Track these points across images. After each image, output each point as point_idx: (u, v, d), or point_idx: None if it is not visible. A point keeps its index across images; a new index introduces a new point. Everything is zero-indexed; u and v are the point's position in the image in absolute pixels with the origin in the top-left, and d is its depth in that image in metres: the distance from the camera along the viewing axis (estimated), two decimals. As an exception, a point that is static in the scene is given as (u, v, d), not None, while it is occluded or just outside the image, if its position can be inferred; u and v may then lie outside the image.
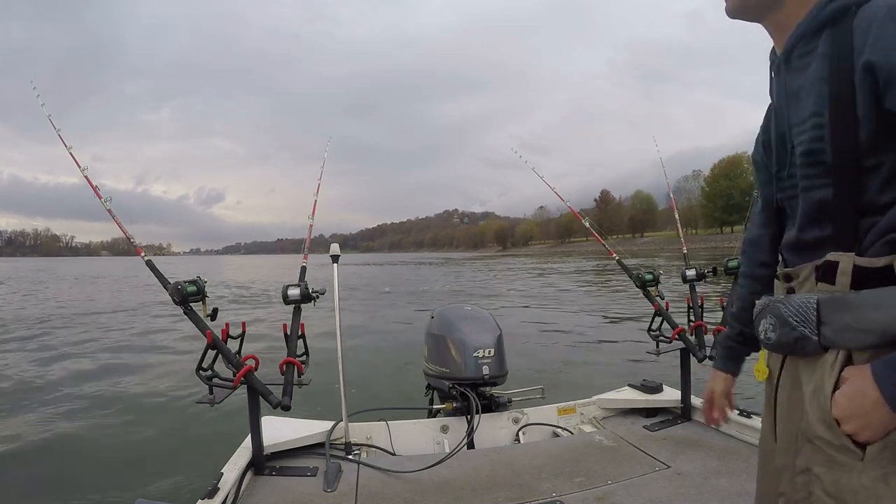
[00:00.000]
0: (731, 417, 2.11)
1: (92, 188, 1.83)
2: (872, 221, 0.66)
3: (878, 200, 0.66)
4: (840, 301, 0.67)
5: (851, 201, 0.68)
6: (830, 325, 0.68)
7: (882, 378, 0.60)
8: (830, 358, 0.68)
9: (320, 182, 2.32)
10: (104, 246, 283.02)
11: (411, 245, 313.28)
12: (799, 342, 0.72)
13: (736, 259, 2.22)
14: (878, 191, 0.65)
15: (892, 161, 0.64)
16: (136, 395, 4.77)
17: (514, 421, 2.42)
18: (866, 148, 0.65)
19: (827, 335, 0.68)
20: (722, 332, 1.25)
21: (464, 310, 2.63)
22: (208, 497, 1.53)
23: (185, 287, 1.69)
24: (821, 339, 0.69)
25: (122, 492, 2.78)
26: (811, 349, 0.70)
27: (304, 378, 1.84)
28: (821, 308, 0.69)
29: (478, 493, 1.69)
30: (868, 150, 0.65)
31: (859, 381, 0.63)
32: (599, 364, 5.86)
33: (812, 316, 0.69)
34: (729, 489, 1.63)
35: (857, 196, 0.67)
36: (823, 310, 0.68)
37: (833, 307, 0.68)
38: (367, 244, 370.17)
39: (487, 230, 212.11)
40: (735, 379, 1.11)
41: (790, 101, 0.77)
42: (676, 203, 3.05)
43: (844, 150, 0.67)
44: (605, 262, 28.77)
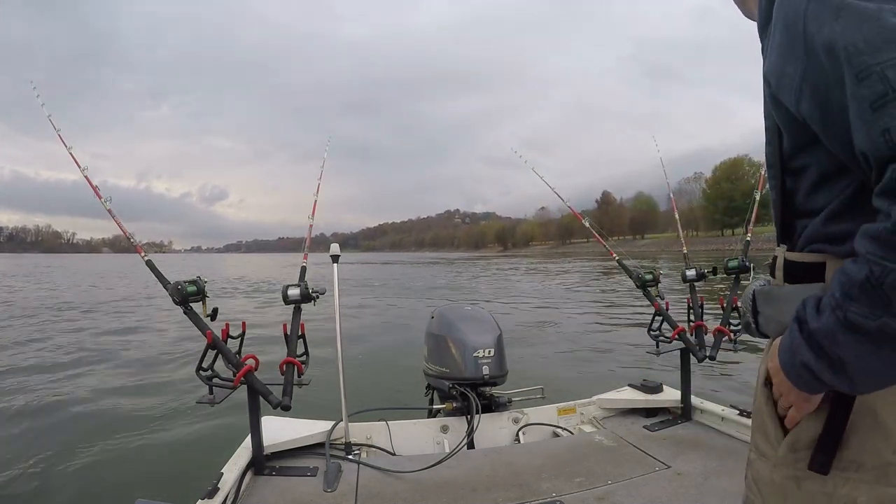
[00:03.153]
0: (730, 417, 2.11)
1: (92, 188, 1.83)
2: (804, 225, 0.67)
3: (808, 205, 0.66)
4: (768, 294, 0.72)
5: (781, 202, 0.71)
6: (762, 314, 0.73)
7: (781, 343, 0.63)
8: (768, 345, 0.71)
9: (320, 181, 2.32)
10: (105, 243, 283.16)
11: (412, 245, 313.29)
12: (748, 327, 0.78)
13: (736, 259, 2.22)
14: (807, 195, 0.66)
15: (819, 164, 0.63)
16: (135, 395, 4.77)
17: (514, 421, 2.42)
18: (790, 151, 0.67)
19: (761, 323, 0.74)
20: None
21: (464, 310, 2.63)
22: (208, 497, 1.53)
23: (185, 287, 1.69)
24: (758, 327, 0.74)
25: (122, 492, 2.78)
26: (753, 333, 0.76)
27: (304, 378, 1.84)
28: (756, 299, 0.74)
29: (478, 493, 1.69)
30: (792, 153, 0.67)
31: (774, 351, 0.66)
32: (599, 364, 5.86)
33: (749, 305, 0.75)
34: (729, 489, 1.63)
35: (791, 199, 0.69)
36: (758, 299, 0.73)
37: (764, 299, 0.73)
38: (368, 243, 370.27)
39: (488, 230, 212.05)
40: None
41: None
42: (677, 205, 3.05)
43: (775, 154, 0.70)
44: (605, 264, 28.79)
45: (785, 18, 0.58)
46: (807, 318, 0.57)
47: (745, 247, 2.33)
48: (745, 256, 2.24)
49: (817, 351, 0.56)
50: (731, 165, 74.49)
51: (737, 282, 2.25)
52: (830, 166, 0.61)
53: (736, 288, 2.26)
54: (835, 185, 0.62)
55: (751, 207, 2.44)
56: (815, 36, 0.53)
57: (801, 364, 0.58)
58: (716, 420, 2.19)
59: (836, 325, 0.53)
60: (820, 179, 0.64)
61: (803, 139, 0.63)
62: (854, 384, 0.55)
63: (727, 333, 2.24)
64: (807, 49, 0.55)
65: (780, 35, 0.60)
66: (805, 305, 0.58)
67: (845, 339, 0.52)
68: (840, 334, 0.53)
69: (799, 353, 0.58)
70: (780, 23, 0.59)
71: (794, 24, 0.56)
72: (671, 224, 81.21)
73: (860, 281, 0.50)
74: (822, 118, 0.56)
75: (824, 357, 0.55)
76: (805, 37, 0.55)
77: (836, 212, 0.62)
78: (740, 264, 2.19)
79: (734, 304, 2.26)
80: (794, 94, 0.58)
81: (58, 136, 1.88)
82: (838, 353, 0.54)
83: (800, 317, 0.59)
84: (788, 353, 0.60)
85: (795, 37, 0.56)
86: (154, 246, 2.24)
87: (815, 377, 0.57)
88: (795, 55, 0.57)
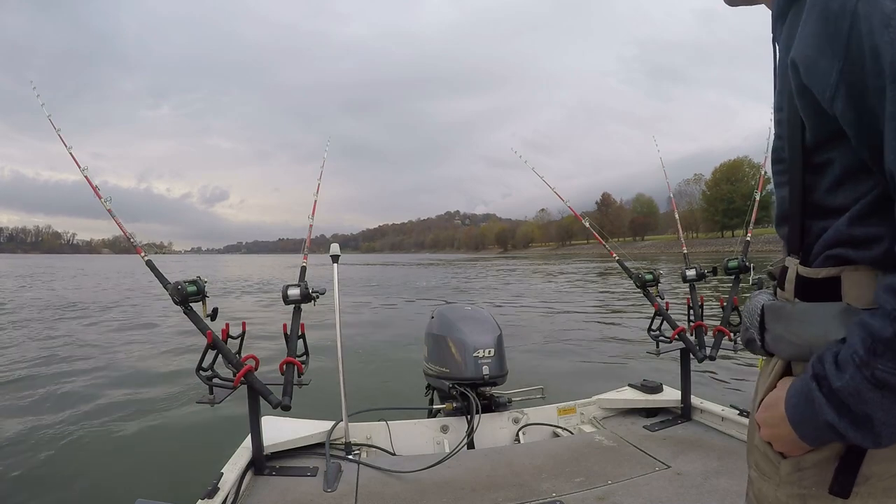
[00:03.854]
0: (730, 417, 2.11)
1: (92, 188, 1.83)
2: (822, 226, 0.63)
3: (828, 202, 0.62)
4: (778, 310, 0.67)
5: (801, 203, 0.65)
6: (771, 332, 0.68)
7: (790, 397, 0.60)
8: (772, 363, 0.68)
9: (320, 182, 2.33)
10: (105, 243, 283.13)
11: (412, 246, 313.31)
12: (750, 343, 0.73)
13: (736, 259, 2.23)
14: (828, 191, 0.62)
15: (843, 158, 0.59)
16: (135, 395, 4.76)
17: (514, 421, 2.42)
18: (813, 144, 0.62)
19: (768, 341, 0.69)
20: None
21: (464, 310, 2.63)
22: (208, 497, 1.53)
23: (185, 287, 1.69)
24: (764, 344, 0.69)
25: (122, 492, 2.77)
26: (758, 350, 0.71)
27: (304, 378, 1.84)
28: (764, 314, 0.69)
29: (478, 493, 1.69)
30: (815, 146, 0.62)
31: (778, 393, 0.63)
32: (599, 364, 5.86)
33: (756, 320, 0.70)
34: (729, 489, 1.63)
35: (808, 197, 0.64)
36: (767, 316, 0.69)
37: (774, 315, 0.68)
38: (369, 244, 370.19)
39: (488, 232, 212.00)
40: None
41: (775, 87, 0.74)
42: (677, 207, 3.05)
43: (795, 148, 0.65)
44: (605, 265, 28.80)
45: (826, 9, 0.54)
46: (827, 375, 0.54)
47: (745, 248, 2.34)
48: (744, 257, 2.25)
49: (841, 409, 0.53)
50: (731, 167, 74.51)
51: (737, 282, 2.26)
52: (857, 162, 0.57)
53: (736, 288, 2.27)
54: (862, 182, 0.58)
55: (751, 209, 2.45)
56: (864, 38, 0.50)
57: (825, 424, 0.55)
58: (716, 420, 2.19)
59: (863, 382, 0.51)
60: (844, 175, 0.60)
61: (828, 132, 0.59)
62: (879, 438, 0.54)
63: (727, 333, 2.24)
64: (849, 48, 0.52)
65: (815, 24, 0.55)
66: (823, 361, 0.55)
67: (873, 397, 0.51)
68: (867, 392, 0.51)
69: (822, 412, 0.55)
70: (817, 10, 0.55)
71: (839, 17, 0.53)
72: (671, 225, 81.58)
73: (886, 338, 0.49)
74: (857, 121, 0.53)
75: (848, 415, 0.53)
76: (850, 35, 0.52)
77: (862, 212, 0.58)
78: (740, 265, 2.20)
79: (734, 304, 2.27)
80: (829, 90, 0.55)
81: (58, 136, 1.88)
82: (865, 410, 0.52)
83: (818, 373, 0.55)
84: (804, 411, 0.57)
85: (838, 32, 0.53)
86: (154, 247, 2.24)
87: (839, 435, 0.55)
88: (834, 50, 0.53)
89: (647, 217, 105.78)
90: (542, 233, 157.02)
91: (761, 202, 2.52)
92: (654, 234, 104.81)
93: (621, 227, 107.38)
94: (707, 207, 77.46)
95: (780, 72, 0.66)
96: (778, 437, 0.63)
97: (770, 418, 0.64)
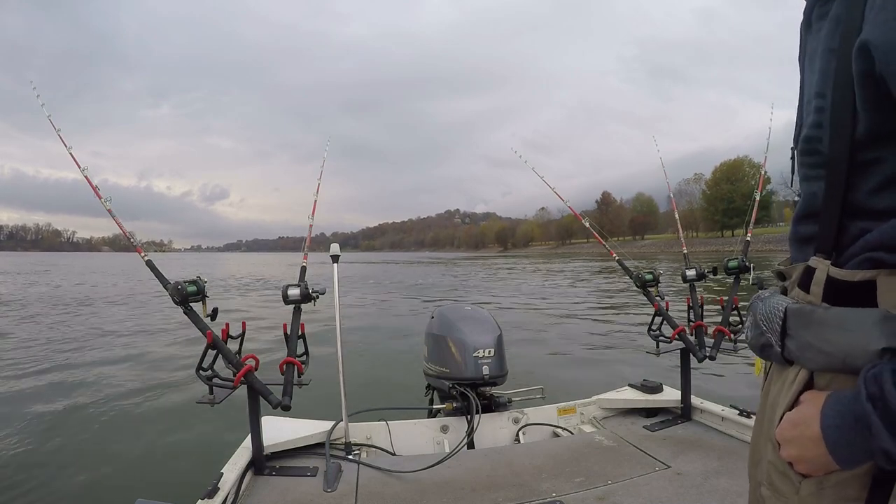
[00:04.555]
0: (730, 417, 2.11)
1: (92, 188, 1.83)
2: (862, 227, 0.57)
3: (872, 203, 0.56)
4: (807, 314, 0.59)
5: (839, 201, 0.59)
6: (795, 338, 0.61)
7: (827, 416, 0.54)
8: (792, 374, 0.62)
9: (320, 181, 2.32)
10: (105, 242, 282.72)
11: (412, 245, 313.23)
12: (765, 349, 0.66)
13: (736, 259, 2.23)
14: (873, 192, 0.56)
15: (895, 156, 0.54)
16: (136, 395, 4.76)
17: (514, 421, 2.42)
18: (865, 140, 0.56)
19: (791, 349, 0.61)
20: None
21: (464, 310, 2.63)
22: (208, 497, 1.53)
23: (185, 287, 1.69)
24: (784, 352, 0.62)
25: (122, 492, 2.78)
26: (775, 358, 0.65)
27: (304, 378, 1.84)
28: (788, 318, 0.61)
29: (478, 493, 1.69)
30: (866, 142, 0.56)
31: (808, 410, 0.57)
32: (599, 364, 5.86)
33: (777, 325, 0.63)
34: (729, 489, 1.63)
35: (849, 195, 0.58)
36: (790, 320, 0.61)
37: (800, 320, 0.60)
38: (369, 243, 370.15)
39: (488, 231, 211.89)
40: None
41: (806, 69, 0.67)
42: (677, 206, 3.05)
43: (842, 141, 0.58)
44: (605, 264, 28.80)
45: None
46: (886, 396, 0.48)
47: (745, 247, 2.34)
48: (744, 257, 2.24)
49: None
50: (731, 167, 74.46)
51: (737, 282, 2.26)
52: None
53: (736, 288, 2.27)
54: None
55: (751, 209, 2.45)
56: None
57: (881, 451, 0.49)
58: (716, 420, 2.19)
59: None
60: (895, 176, 0.55)
61: (890, 128, 0.54)
62: None
63: (727, 333, 2.24)
64: None
65: None
66: (879, 380, 0.49)
67: None
68: None
69: (879, 438, 0.48)
70: None
71: None
72: (671, 225, 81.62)
73: None
74: None
75: None
76: None
77: None
78: (740, 264, 2.20)
79: (734, 304, 2.27)
80: None
81: (58, 136, 1.87)
82: None
83: (873, 394, 0.49)
84: (851, 435, 0.51)
85: None
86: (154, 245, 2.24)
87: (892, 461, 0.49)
88: None
89: (647, 216, 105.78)
90: (542, 232, 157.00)
91: (761, 202, 2.52)
92: (654, 233, 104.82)
93: (621, 227, 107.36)
94: (707, 207, 77.42)
95: (825, 54, 0.60)
96: (804, 458, 0.57)
97: (797, 438, 0.58)
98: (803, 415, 0.58)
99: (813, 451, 0.55)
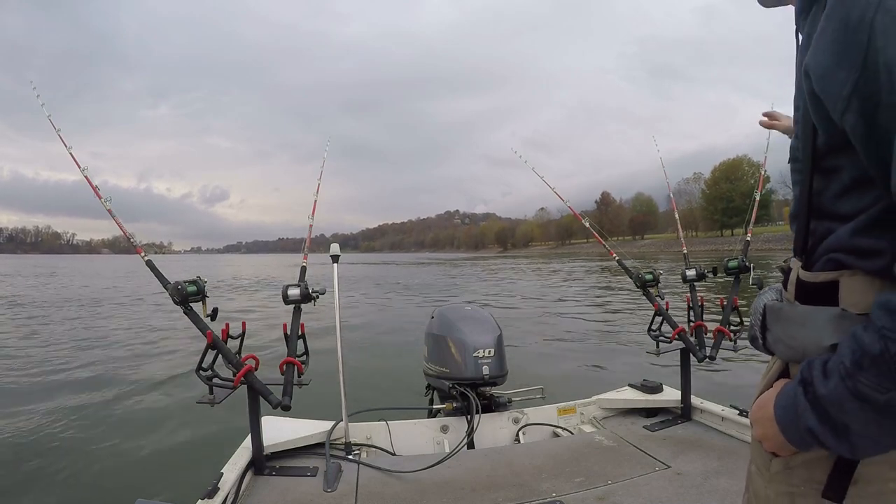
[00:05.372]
0: (730, 417, 2.11)
1: (92, 188, 1.83)
2: (828, 229, 0.62)
3: (835, 208, 0.61)
4: (778, 311, 0.68)
5: (807, 207, 0.65)
6: (771, 332, 0.69)
7: (779, 398, 0.61)
8: (771, 362, 0.70)
9: (320, 182, 2.33)
10: (105, 244, 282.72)
11: (412, 245, 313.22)
12: (754, 340, 0.74)
13: (736, 259, 2.23)
14: (836, 197, 0.61)
15: (852, 167, 0.59)
16: (136, 395, 4.76)
17: (514, 421, 2.42)
18: (824, 149, 0.62)
19: (768, 341, 0.70)
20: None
21: (464, 310, 2.63)
22: (208, 497, 1.53)
23: (185, 287, 1.69)
24: (765, 344, 0.71)
25: (122, 492, 2.78)
26: (759, 348, 0.73)
27: (304, 378, 1.84)
28: (766, 314, 0.70)
29: (478, 493, 1.69)
30: (826, 151, 0.62)
31: (770, 394, 0.64)
32: (599, 364, 5.86)
33: (758, 320, 0.71)
34: (729, 489, 1.63)
35: (815, 200, 0.64)
36: (768, 316, 0.70)
37: (774, 316, 0.69)
38: (368, 244, 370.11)
39: (488, 231, 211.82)
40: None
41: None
42: (677, 205, 3.05)
43: (807, 150, 0.64)
44: (604, 264, 28.80)
45: (845, 18, 0.53)
46: (814, 381, 0.56)
47: (745, 247, 2.33)
48: (744, 257, 2.24)
49: (822, 416, 0.55)
50: (730, 166, 74.41)
51: (737, 282, 2.26)
52: (865, 172, 0.57)
53: (736, 288, 2.26)
54: (868, 192, 0.57)
55: (751, 208, 2.44)
56: (880, 52, 0.49)
57: (806, 429, 0.57)
58: (716, 420, 2.19)
59: (845, 393, 0.52)
60: (852, 184, 0.59)
61: (839, 140, 0.58)
62: (854, 449, 0.55)
63: (727, 333, 2.24)
64: (866, 61, 0.51)
65: (833, 32, 0.54)
66: (811, 367, 0.57)
67: (852, 408, 0.53)
68: (847, 403, 0.53)
69: (804, 417, 0.57)
70: (835, 19, 0.54)
71: (857, 28, 0.51)
72: (671, 225, 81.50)
73: (874, 355, 0.50)
74: (867, 136, 0.53)
75: (828, 422, 0.55)
76: (868, 48, 0.50)
77: (866, 223, 0.58)
78: (740, 264, 2.20)
79: (734, 304, 2.27)
80: (841, 102, 0.54)
81: (58, 137, 1.87)
82: (844, 419, 0.54)
83: (805, 378, 0.57)
84: (790, 414, 0.59)
85: (855, 43, 0.52)
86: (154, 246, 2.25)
87: (817, 441, 0.57)
88: (850, 61, 0.52)
89: (647, 216, 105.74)
90: (542, 232, 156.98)
91: (760, 201, 2.51)
92: (654, 233, 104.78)
93: (621, 226, 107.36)
94: (706, 206, 77.36)
95: (798, 68, 0.65)
96: (767, 437, 0.64)
97: (760, 418, 0.65)
98: (765, 398, 0.65)
99: (772, 430, 0.62)
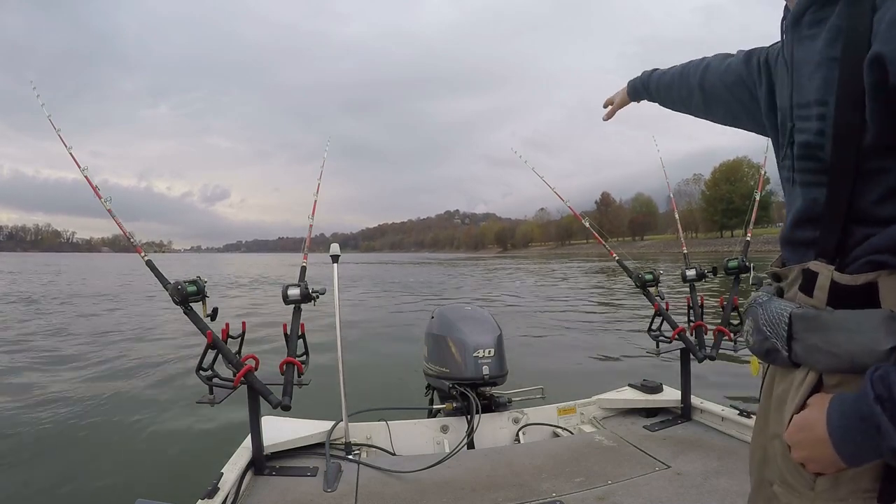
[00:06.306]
0: (731, 417, 2.11)
1: (92, 188, 1.83)
2: (865, 233, 0.59)
3: (875, 211, 0.58)
4: (812, 319, 0.61)
5: (843, 208, 0.60)
6: (801, 342, 0.62)
7: (833, 418, 0.56)
8: (800, 376, 0.63)
9: (320, 181, 2.33)
10: (105, 242, 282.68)
11: (412, 245, 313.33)
12: (770, 353, 0.68)
13: (736, 259, 2.23)
14: (877, 200, 0.57)
15: None
16: (135, 395, 4.76)
17: (514, 421, 2.42)
18: (871, 149, 0.57)
19: (797, 352, 0.63)
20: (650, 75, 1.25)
21: (464, 310, 2.63)
22: (208, 497, 1.53)
23: (185, 287, 1.69)
24: (791, 355, 0.64)
25: (122, 492, 2.78)
26: (781, 362, 0.66)
27: (304, 378, 1.84)
28: (793, 323, 0.63)
29: (478, 493, 1.69)
30: (872, 151, 0.57)
31: (814, 413, 0.59)
32: (599, 364, 5.86)
33: (783, 330, 0.64)
34: (729, 489, 1.63)
35: (852, 203, 0.59)
36: (795, 325, 0.63)
37: (805, 324, 0.62)
38: (368, 244, 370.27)
39: (488, 231, 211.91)
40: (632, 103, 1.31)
41: (794, 72, 0.68)
42: (677, 206, 3.05)
43: (846, 150, 0.58)
44: (604, 264, 28.82)
45: None
46: (893, 397, 0.49)
47: (745, 247, 2.34)
48: (744, 257, 2.25)
49: None
50: (730, 167, 74.49)
51: (737, 282, 2.26)
52: None
53: (736, 288, 2.27)
54: None
55: (750, 209, 2.45)
56: None
57: (890, 450, 0.50)
58: (716, 420, 2.19)
59: None
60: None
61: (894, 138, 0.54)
62: None
63: (727, 333, 2.24)
64: None
65: None
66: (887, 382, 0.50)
67: None
68: None
69: (888, 438, 0.50)
70: None
71: None
72: (670, 225, 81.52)
73: None
74: None
75: None
76: None
77: None
78: (740, 265, 2.20)
79: (734, 304, 2.27)
80: None
81: (58, 136, 1.87)
82: None
83: (881, 395, 0.50)
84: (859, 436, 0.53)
85: None
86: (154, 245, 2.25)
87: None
88: None
89: (647, 217, 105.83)
90: (542, 232, 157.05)
91: (760, 202, 2.52)
92: (654, 233, 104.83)
93: (620, 227, 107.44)
94: (706, 207, 77.43)
95: (827, 62, 0.60)
96: (814, 459, 0.59)
97: (805, 441, 0.59)
98: (809, 418, 0.59)
99: (821, 452, 0.57)
